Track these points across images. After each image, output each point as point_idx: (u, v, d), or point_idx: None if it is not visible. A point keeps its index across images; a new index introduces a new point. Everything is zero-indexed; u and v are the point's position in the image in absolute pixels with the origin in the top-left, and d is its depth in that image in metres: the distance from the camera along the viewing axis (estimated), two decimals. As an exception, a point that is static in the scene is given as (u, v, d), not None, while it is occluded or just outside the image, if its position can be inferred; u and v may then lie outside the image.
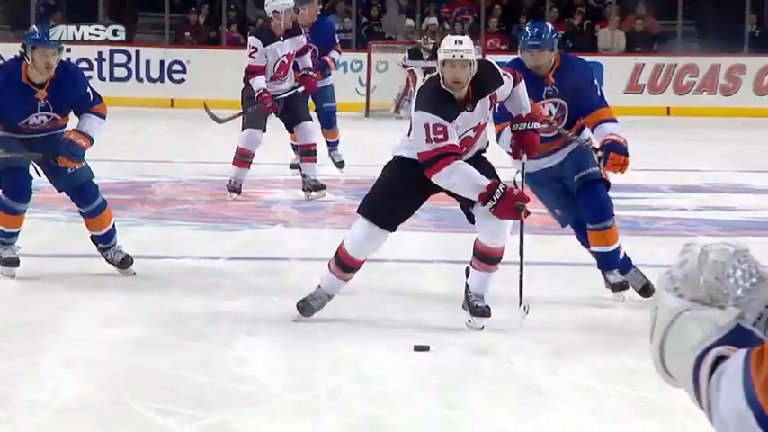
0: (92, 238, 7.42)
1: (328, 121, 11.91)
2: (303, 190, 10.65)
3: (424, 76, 18.96)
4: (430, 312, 6.39)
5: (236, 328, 6.34)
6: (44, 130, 7.31)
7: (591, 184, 6.61)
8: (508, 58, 10.65)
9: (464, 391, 5.35)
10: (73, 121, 7.39)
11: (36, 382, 5.43)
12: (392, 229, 6.23)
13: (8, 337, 6.06)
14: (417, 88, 6.43)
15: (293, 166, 11.48)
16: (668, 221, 9.82)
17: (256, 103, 10.40)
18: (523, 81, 6.23)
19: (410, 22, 22.08)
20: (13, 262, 7.36)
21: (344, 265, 6.26)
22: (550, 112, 6.73)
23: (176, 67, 20.84)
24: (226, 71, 18.93)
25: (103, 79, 20.06)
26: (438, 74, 6.03)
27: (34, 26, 7.65)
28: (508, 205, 5.87)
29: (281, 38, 10.51)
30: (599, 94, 6.86)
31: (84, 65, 19.02)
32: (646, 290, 6.61)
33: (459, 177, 5.91)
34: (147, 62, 20.81)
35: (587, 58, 19.45)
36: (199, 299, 6.91)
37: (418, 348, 5.74)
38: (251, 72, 10.54)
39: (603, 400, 5.15)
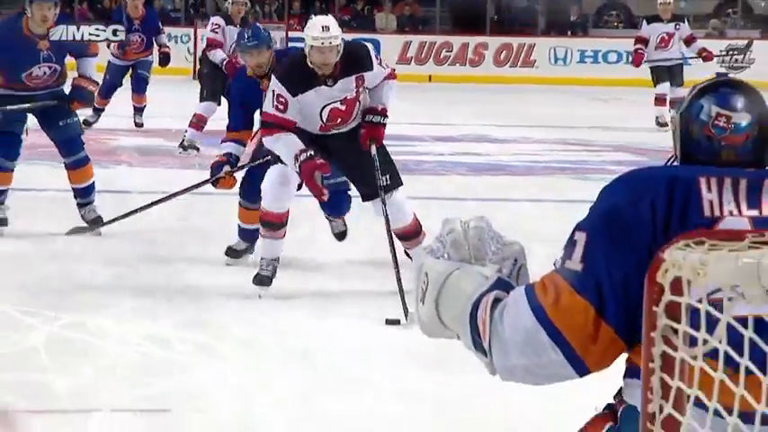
0: (74, 192, 6.65)
1: (140, 87, 11.36)
2: (179, 145, 9.98)
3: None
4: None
5: (87, 248, 6.22)
6: (45, 86, 6.42)
7: None
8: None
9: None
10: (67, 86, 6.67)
11: None
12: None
13: None
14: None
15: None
16: (431, 164, 9.89)
17: (218, 76, 9.81)
18: (395, 80, 5.38)
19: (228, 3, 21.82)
20: (3, 222, 6.55)
21: (271, 223, 5.29)
22: None
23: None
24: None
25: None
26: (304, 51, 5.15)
27: None
28: (307, 171, 5.04)
29: (237, 25, 10.15)
30: None
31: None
32: (342, 235, 6.17)
33: (281, 145, 5.09)
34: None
35: (368, 36, 19.71)
36: (58, 223, 6.68)
37: (389, 322, 4.84)
38: (210, 45, 10.05)
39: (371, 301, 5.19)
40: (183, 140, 9.98)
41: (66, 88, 6.65)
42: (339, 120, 5.28)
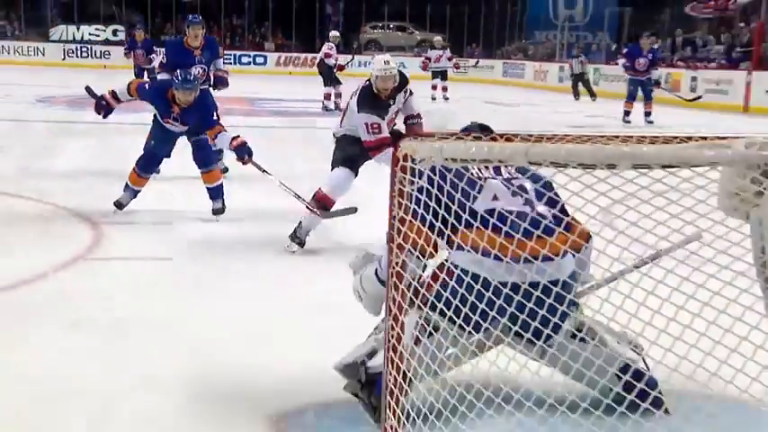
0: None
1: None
2: (323, 108, 11.97)
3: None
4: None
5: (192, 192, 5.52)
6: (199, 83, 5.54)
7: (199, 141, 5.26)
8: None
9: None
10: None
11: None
12: (356, 172, 4.58)
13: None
14: (357, 92, 4.60)
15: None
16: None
17: (332, 73, 12.07)
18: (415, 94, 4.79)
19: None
20: (225, 170, 6.15)
21: (325, 205, 4.51)
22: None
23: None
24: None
25: None
26: (369, 82, 4.56)
27: (191, 15, 6.61)
28: None
29: (340, 47, 12.70)
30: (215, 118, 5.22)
31: None
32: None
33: (386, 158, 4.32)
34: None
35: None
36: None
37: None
38: (326, 56, 12.07)
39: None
40: (323, 104, 12.07)
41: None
42: (390, 125, 4.64)
